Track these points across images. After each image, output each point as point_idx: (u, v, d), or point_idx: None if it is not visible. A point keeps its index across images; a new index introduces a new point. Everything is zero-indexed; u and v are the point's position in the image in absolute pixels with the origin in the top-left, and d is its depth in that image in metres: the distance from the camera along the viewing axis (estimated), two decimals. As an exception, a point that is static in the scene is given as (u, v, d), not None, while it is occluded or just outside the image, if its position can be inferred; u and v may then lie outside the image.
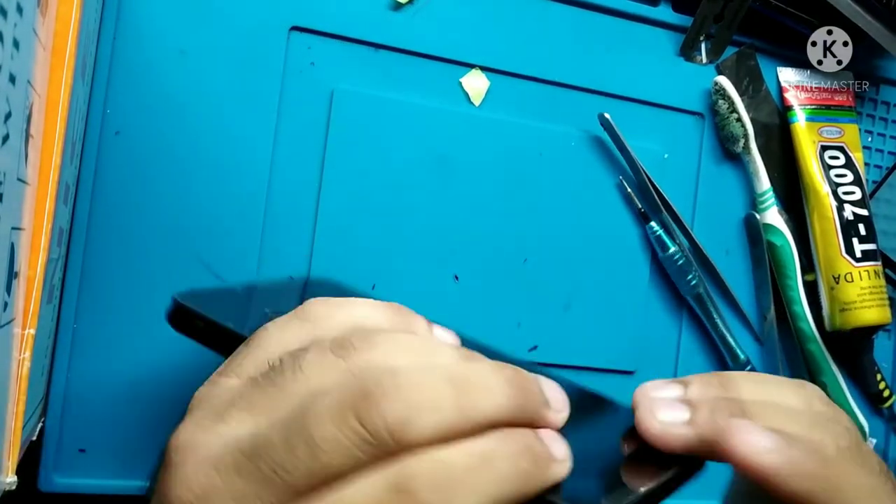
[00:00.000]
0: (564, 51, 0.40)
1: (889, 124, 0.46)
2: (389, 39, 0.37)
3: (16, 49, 0.21)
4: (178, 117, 0.34)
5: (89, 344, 0.33)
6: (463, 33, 0.38)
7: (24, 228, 0.23)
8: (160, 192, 0.34)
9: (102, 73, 0.33)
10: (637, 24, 0.41)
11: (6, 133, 0.20)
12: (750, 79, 0.43)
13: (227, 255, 0.35)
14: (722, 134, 0.42)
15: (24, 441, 0.25)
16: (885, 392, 0.44)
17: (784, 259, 0.42)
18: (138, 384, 0.33)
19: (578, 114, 0.40)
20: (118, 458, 0.33)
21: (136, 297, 0.34)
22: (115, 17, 0.33)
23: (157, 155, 0.34)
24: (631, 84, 0.41)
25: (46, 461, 0.33)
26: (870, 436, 0.45)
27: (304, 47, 0.36)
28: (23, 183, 0.23)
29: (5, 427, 0.23)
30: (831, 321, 0.42)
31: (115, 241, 0.33)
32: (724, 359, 0.42)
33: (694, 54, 0.42)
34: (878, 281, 0.42)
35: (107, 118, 0.33)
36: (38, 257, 0.24)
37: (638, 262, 0.41)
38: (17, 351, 0.24)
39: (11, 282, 0.22)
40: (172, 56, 0.34)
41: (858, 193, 0.42)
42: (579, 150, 0.40)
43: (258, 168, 0.35)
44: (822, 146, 0.42)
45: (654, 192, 0.40)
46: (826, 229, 0.42)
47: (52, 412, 0.32)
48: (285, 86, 0.35)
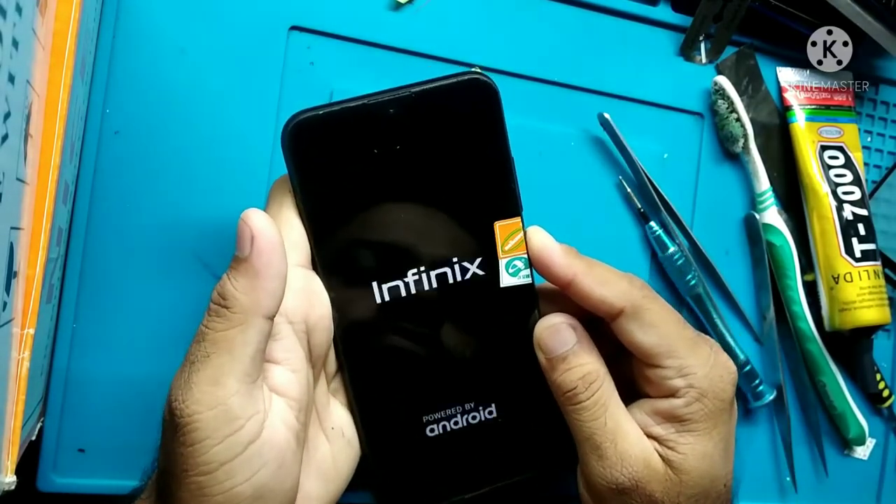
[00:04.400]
0: (564, 51, 0.40)
1: (889, 124, 0.46)
2: (389, 39, 0.37)
3: (15, 49, 0.21)
4: (177, 117, 0.34)
5: (88, 344, 0.33)
6: (463, 33, 0.38)
7: (23, 228, 0.23)
8: (160, 191, 0.34)
9: (102, 72, 0.33)
10: (636, 23, 0.41)
11: (5, 133, 0.20)
12: (749, 79, 0.43)
13: (227, 255, 0.34)
14: (721, 134, 0.42)
15: (23, 441, 0.25)
16: (885, 392, 0.44)
17: (783, 259, 0.42)
18: (138, 384, 0.33)
19: (578, 114, 0.40)
20: (117, 459, 0.33)
21: (136, 296, 0.34)
22: (114, 17, 0.33)
23: (157, 155, 0.34)
24: (630, 84, 0.41)
25: (45, 461, 0.33)
26: (869, 436, 0.45)
27: (303, 47, 0.36)
28: (22, 182, 0.23)
29: (4, 427, 0.23)
30: (831, 321, 0.42)
31: (114, 241, 0.33)
32: (723, 359, 0.42)
33: (693, 54, 0.42)
34: (878, 281, 0.42)
35: (106, 117, 0.33)
36: (37, 257, 0.24)
37: (637, 262, 0.41)
38: (16, 350, 0.24)
39: (10, 281, 0.22)
40: (172, 55, 0.34)
41: (858, 193, 0.42)
42: (579, 150, 0.40)
43: (258, 167, 0.35)
44: (821, 146, 0.42)
45: (653, 192, 0.40)
46: (825, 229, 0.42)
47: (51, 412, 0.32)
48: (285, 85, 0.35)
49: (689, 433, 0.29)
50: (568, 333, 0.30)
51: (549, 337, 0.30)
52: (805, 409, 0.44)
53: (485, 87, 0.29)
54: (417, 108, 0.28)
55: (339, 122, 0.28)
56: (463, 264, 0.30)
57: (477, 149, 0.29)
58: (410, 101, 0.28)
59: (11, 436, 0.24)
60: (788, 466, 0.43)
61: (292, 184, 0.29)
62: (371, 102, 0.28)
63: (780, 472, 0.44)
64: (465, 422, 0.32)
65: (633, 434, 0.30)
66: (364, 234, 0.29)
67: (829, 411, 0.44)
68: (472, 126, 0.29)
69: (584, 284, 0.29)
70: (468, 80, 0.29)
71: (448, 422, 0.32)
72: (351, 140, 0.28)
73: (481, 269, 0.30)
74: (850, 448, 0.45)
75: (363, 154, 0.28)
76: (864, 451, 0.45)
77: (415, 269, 0.30)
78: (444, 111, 0.29)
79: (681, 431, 0.30)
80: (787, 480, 0.44)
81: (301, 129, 0.28)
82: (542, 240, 0.30)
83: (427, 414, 0.31)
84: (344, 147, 0.28)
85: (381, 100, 0.28)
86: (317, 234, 0.29)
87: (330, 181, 0.29)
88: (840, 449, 0.45)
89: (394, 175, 0.29)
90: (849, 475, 0.45)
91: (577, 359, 0.30)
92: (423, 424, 0.31)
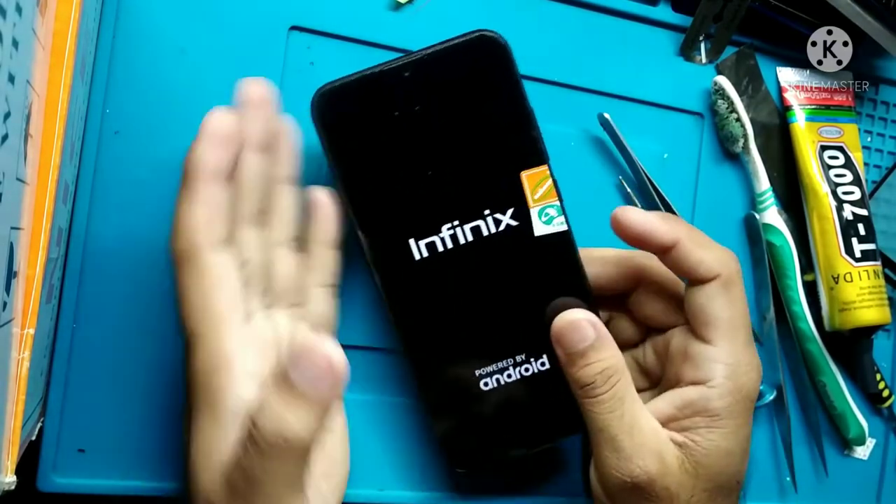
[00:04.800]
0: (564, 51, 0.40)
1: (889, 124, 0.46)
2: (389, 39, 0.37)
3: (15, 48, 0.21)
4: (177, 116, 0.34)
5: (89, 344, 0.33)
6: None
7: (23, 228, 0.23)
8: (160, 191, 0.34)
9: (102, 72, 0.33)
10: (636, 23, 0.41)
11: (5, 133, 0.20)
12: (749, 79, 0.43)
13: (226, 255, 0.34)
14: (721, 134, 0.42)
15: (23, 441, 0.25)
16: (885, 392, 0.44)
17: (783, 259, 0.42)
18: (138, 384, 0.33)
19: (578, 114, 0.40)
20: (117, 459, 0.33)
21: (136, 296, 0.34)
22: (114, 17, 0.33)
23: (157, 155, 0.34)
24: (630, 84, 0.41)
25: (45, 461, 0.33)
26: (869, 436, 0.45)
27: (303, 47, 0.36)
28: (22, 182, 0.23)
29: (4, 427, 0.23)
30: (831, 321, 0.42)
31: (114, 241, 0.33)
32: (723, 359, 0.42)
33: (693, 54, 0.42)
34: (878, 281, 0.42)
35: (106, 118, 0.33)
36: (37, 257, 0.24)
37: (637, 261, 0.41)
38: (16, 350, 0.24)
39: (10, 281, 0.22)
40: (172, 55, 0.34)
41: (858, 193, 0.42)
42: (579, 150, 0.40)
43: (258, 168, 0.35)
44: (821, 146, 0.42)
45: (653, 192, 0.40)
46: (825, 229, 0.42)
47: (51, 412, 0.32)
48: (284, 85, 0.35)
49: (716, 429, 0.30)
50: (587, 329, 0.30)
51: (568, 332, 0.30)
52: (805, 409, 0.44)
53: (492, 42, 0.31)
54: (430, 69, 0.30)
55: (359, 89, 0.30)
56: (496, 216, 0.31)
57: (494, 103, 0.31)
58: (422, 63, 0.30)
59: (11, 436, 0.24)
60: (788, 466, 0.43)
61: (325, 154, 0.31)
62: (387, 69, 0.30)
63: (780, 472, 0.44)
64: (518, 374, 0.33)
65: (649, 428, 0.30)
66: (395, 194, 0.31)
67: (829, 411, 0.44)
68: (486, 81, 0.31)
69: (686, 247, 0.30)
70: (476, 37, 0.31)
71: (501, 375, 0.33)
72: (372, 105, 0.31)
73: (514, 219, 0.32)
74: (850, 448, 0.45)
75: (385, 117, 0.31)
76: (864, 451, 0.45)
77: (448, 223, 0.31)
78: (455, 69, 0.31)
79: (709, 427, 0.30)
80: (787, 480, 0.44)
81: (325, 99, 0.30)
82: (637, 211, 0.31)
83: (479, 368, 0.33)
84: (367, 112, 0.31)
85: (395, 65, 0.30)
86: (352, 198, 0.31)
87: (358, 146, 0.31)
88: (840, 449, 0.45)
89: (417, 135, 0.31)
90: (849, 475, 0.45)
91: (596, 354, 0.30)
92: (476, 379, 0.33)
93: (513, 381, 0.33)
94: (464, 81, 0.31)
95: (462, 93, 0.31)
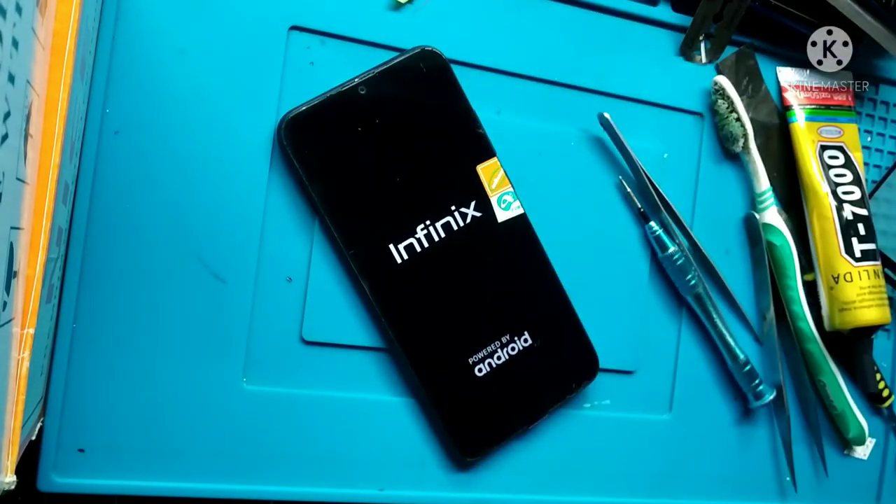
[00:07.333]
0: (564, 50, 0.40)
1: (889, 124, 0.46)
2: (389, 39, 0.37)
3: (15, 48, 0.21)
4: (177, 116, 0.34)
5: (89, 343, 0.33)
6: (463, 33, 0.38)
7: (23, 228, 0.23)
8: (160, 191, 0.34)
9: (102, 72, 0.33)
10: (636, 23, 0.41)
11: (5, 132, 0.20)
12: (749, 78, 0.43)
13: (226, 255, 0.35)
14: (721, 134, 0.42)
15: (23, 441, 0.25)
16: (885, 392, 0.44)
17: (783, 259, 0.42)
18: (138, 384, 0.33)
19: (578, 113, 0.40)
20: (117, 459, 0.33)
21: (136, 296, 0.34)
22: (114, 17, 0.33)
23: (157, 154, 0.34)
24: (630, 84, 0.41)
25: (46, 461, 0.33)
26: (869, 435, 0.45)
27: (303, 47, 0.36)
28: (22, 182, 0.23)
29: (4, 427, 0.23)
30: (831, 321, 0.42)
31: (114, 241, 0.33)
32: (723, 358, 0.42)
33: (693, 54, 0.42)
34: (878, 281, 0.42)
35: (106, 117, 0.33)
36: (37, 256, 0.24)
37: (637, 261, 0.41)
38: (16, 350, 0.24)
39: (10, 281, 0.22)
40: (172, 55, 0.34)
41: (858, 193, 0.42)
42: (579, 150, 0.40)
43: (258, 167, 0.35)
44: (821, 146, 0.42)
45: (653, 192, 0.40)
46: (825, 229, 0.42)
47: (51, 412, 0.32)
48: (284, 85, 0.35)
49: None
50: None
51: None
52: (805, 409, 0.44)
53: (433, 55, 0.35)
54: (382, 84, 0.34)
55: (322, 112, 0.34)
56: (461, 210, 0.35)
57: (442, 108, 0.35)
58: (375, 79, 0.34)
59: (11, 436, 0.24)
60: (788, 466, 0.43)
61: (299, 175, 0.34)
62: (343, 89, 0.34)
63: (780, 472, 0.44)
64: (506, 354, 0.36)
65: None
66: (370, 205, 0.34)
67: (829, 411, 0.44)
68: (432, 90, 0.35)
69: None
70: (419, 52, 0.35)
71: (491, 358, 0.36)
72: (336, 124, 0.34)
73: (478, 210, 0.35)
74: (850, 448, 0.45)
75: (349, 134, 0.34)
76: (864, 451, 0.45)
77: (421, 224, 0.35)
78: (405, 82, 0.35)
79: None
80: (787, 480, 0.44)
81: (291, 126, 0.33)
82: None
83: (471, 356, 0.36)
84: (332, 131, 0.33)
85: (351, 85, 0.34)
86: (331, 214, 0.34)
87: (329, 166, 0.33)
88: (840, 449, 0.45)
89: (380, 146, 0.34)
90: (849, 475, 0.45)
91: None
92: (470, 367, 0.36)
93: (503, 362, 0.36)
94: (412, 92, 0.35)
95: (412, 102, 0.35)
